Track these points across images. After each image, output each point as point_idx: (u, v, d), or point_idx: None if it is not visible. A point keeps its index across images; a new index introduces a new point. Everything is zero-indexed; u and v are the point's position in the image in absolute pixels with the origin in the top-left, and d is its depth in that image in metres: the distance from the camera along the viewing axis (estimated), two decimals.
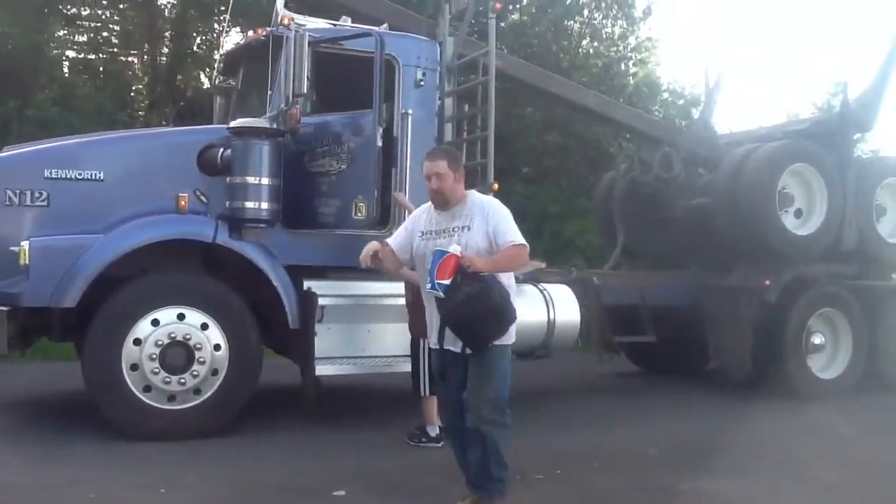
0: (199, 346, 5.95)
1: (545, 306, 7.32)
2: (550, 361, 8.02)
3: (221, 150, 6.24)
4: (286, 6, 6.81)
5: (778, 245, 8.42)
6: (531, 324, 7.25)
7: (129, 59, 16.16)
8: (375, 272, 6.71)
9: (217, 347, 6.01)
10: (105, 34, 15.97)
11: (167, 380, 5.87)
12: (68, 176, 6.03)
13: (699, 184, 9.49)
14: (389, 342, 6.69)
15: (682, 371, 9.77)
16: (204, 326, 6.00)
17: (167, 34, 16.21)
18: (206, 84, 16.11)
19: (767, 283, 8.30)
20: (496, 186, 6.94)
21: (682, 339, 9.16)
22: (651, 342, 8.75)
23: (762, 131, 9.80)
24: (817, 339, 8.63)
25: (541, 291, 7.43)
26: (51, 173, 6.00)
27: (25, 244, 5.71)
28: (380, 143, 6.23)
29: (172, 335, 5.89)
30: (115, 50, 15.83)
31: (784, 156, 8.59)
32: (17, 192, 5.95)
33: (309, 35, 6.09)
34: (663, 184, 9.23)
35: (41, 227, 5.92)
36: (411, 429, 6.10)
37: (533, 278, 7.63)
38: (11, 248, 5.81)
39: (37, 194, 5.98)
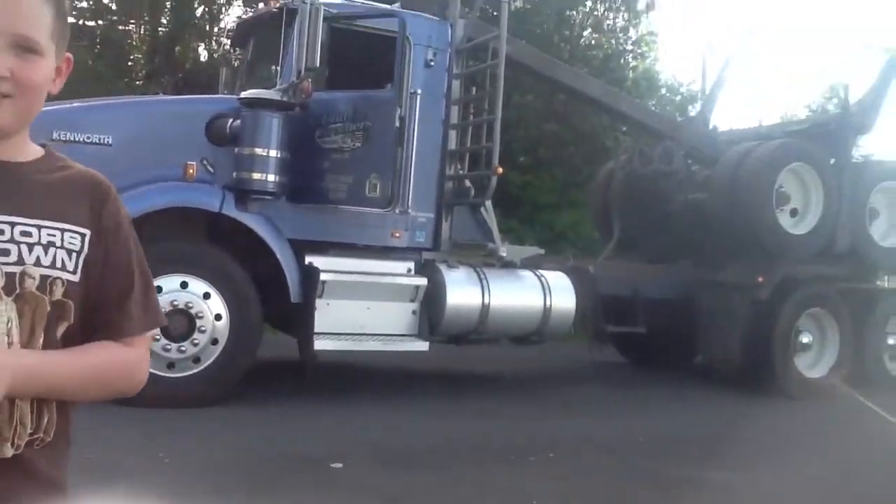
0: (200, 314, 5.97)
1: (542, 292, 7.38)
2: (544, 348, 8.11)
3: (231, 120, 6.24)
4: None
5: (772, 243, 8.52)
6: (527, 308, 7.36)
7: (129, 27, 16.03)
8: (376, 250, 6.86)
9: (218, 317, 6.04)
10: (105, 1, 15.84)
11: (167, 347, 5.89)
12: (76, 139, 5.99)
13: (697, 179, 9.57)
14: (388, 320, 6.75)
15: (670, 364, 9.88)
16: (206, 296, 6.02)
17: (168, 4, 16.09)
18: (205, 56, 16.06)
19: (761, 279, 8.40)
20: (500, 170, 7.01)
21: (672, 332, 9.26)
22: (641, 334, 8.85)
23: (762, 129, 9.90)
24: (805, 339, 8.75)
25: (538, 277, 7.50)
26: (59, 135, 5.96)
27: None
28: (398, 124, 6.26)
29: (175, 303, 5.91)
30: (115, 18, 15.69)
31: (784, 154, 8.66)
32: None
33: (325, 10, 6.09)
34: (663, 177, 9.29)
35: None
36: None
37: (531, 264, 7.70)
38: None
39: None
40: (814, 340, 8.85)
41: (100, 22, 15.22)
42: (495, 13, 7.96)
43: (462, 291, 6.97)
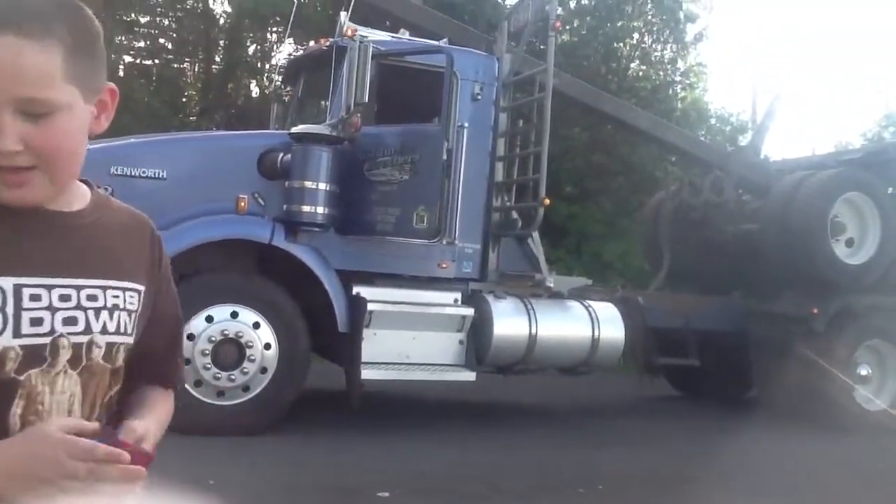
0: (250, 344, 6.08)
1: (590, 323, 7.32)
2: (592, 380, 8.02)
3: (281, 154, 6.38)
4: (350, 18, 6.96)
5: (828, 274, 8.33)
6: (575, 339, 7.30)
7: (184, 65, 16.58)
8: (423, 280, 6.90)
9: (267, 346, 6.14)
10: (162, 41, 16.43)
11: (218, 375, 6.00)
12: (132, 174, 6.19)
13: (748, 209, 9.43)
14: (434, 350, 6.77)
15: (723, 397, 9.68)
16: (256, 325, 6.12)
17: (221, 43, 16.61)
18: (256, 92, 16.51)
19: (815, 311, 8.21)
20: (547, 202, 7.01)
21: (725, 364, 9.09)
22: (693, 366, 8.69)
23: (815, 159, 9.74)
24: (864, 371, 8.51)
25: (586, 308, 7.44)
26: (116, 170, 6.16)
27: None
28: (445, 157, 6.35)
29: (225, 332, 6.02)
30: (171, 56, 16.26)
31: (838, 184, 8.51)
32: None
33: (373, 47, 6.22)
34: (713, 208, 9.19)
35: None
36: None
37: (578, 295, 7.66)
38: None
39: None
40: (873, 372, 8.59)
41: (156, 61, 15.80)
42: (542, 47, 8.02)
43: (509, 322, 6.95)
